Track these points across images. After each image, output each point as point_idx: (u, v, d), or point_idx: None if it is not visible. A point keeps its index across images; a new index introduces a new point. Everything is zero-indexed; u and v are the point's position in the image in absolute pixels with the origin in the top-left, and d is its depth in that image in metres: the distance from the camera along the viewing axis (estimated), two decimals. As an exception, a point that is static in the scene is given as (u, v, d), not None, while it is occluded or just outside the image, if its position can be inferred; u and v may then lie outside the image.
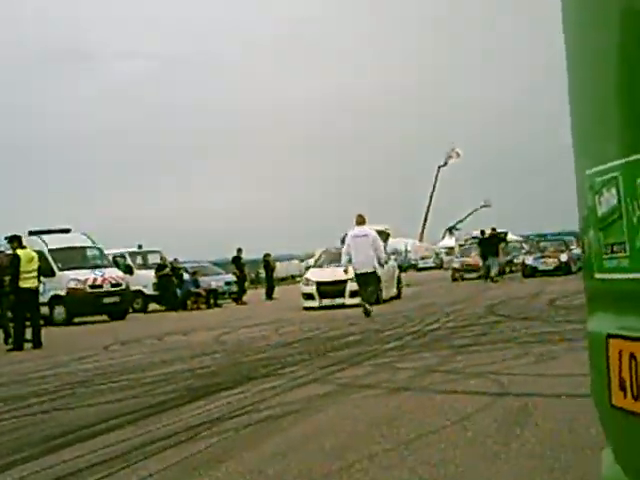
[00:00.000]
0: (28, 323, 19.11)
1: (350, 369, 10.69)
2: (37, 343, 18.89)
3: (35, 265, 19.61)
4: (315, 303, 26.43)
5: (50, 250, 29.46)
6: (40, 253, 28.79)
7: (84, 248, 31.00)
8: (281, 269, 55.37)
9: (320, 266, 28.86)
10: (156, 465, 6.05)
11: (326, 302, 26.16)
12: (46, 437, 7.52)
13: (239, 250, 37.53)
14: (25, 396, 10.56)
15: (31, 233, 30.53)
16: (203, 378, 11.00)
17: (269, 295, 37.54)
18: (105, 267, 30.29)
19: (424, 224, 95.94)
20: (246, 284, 39.11)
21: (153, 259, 36.91)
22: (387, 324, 17.35)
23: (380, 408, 7.89)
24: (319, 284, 26.77)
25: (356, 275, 20.91)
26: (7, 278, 20.08)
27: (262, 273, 45.17)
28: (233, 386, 9.85)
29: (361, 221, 20.99)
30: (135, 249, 37.79)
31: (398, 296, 28.65)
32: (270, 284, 38.53)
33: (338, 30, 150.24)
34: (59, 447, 7.03)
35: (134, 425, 7.80)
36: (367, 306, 20.18)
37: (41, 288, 28.37)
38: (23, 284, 19.07)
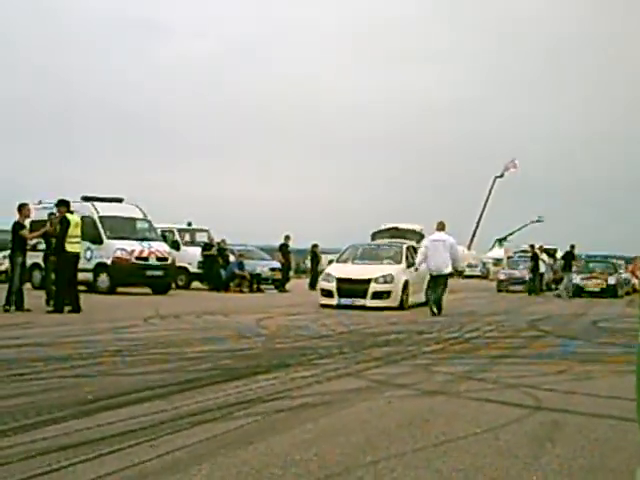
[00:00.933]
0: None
1: (386, 367, 10.67)
2: (77, 307, 19.17)
3: (78, 230, 20.01)
4: (333, 301, 23.91)
5: (100, 217, 29.62)
6: (90, 219, 29.19)
7: (134, 219, 31.10)
8: (327, 261, 55.35)
9: (344, 261, 26.35)
10: (183, 440, 6.06)
11: (345, 302, 23.67)
12: (77, 401, 7.56)
13: (287, 237, 37.50)
14: (61, 359, 10.64)
15: (84, 199, 30.76)
16: (239, 360, 11.02)
17: (312, 285, 37.48)
18: (153, 240, 30.38)
19: (474, 232, 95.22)
20: (290, 272, 39.10)
21: (201, 238, 37.05)
22: (428, 327, 17.29)
23: (412, 408, 7.85)
24: (340, 281, 24.23)
25: (430, 276, 22.97)
26: (54, 241, 20.60)
27: (308, 263, 45.17)
28: (268, 371, 9.87)
29: (441, 227, 22.88)
30: (184, 226, 37.94)
31: (426, 303, 24.36)
32: (315, 275, 38.54)
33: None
34: (90, 412, 7.08)
35: (166, 399, 7.83)
36: (434, 308, 21.73)
37: (88, 254, 28.81)
38: (70, 248, 19.41)
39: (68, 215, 19.82)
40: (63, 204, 20.12)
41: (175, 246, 33.42)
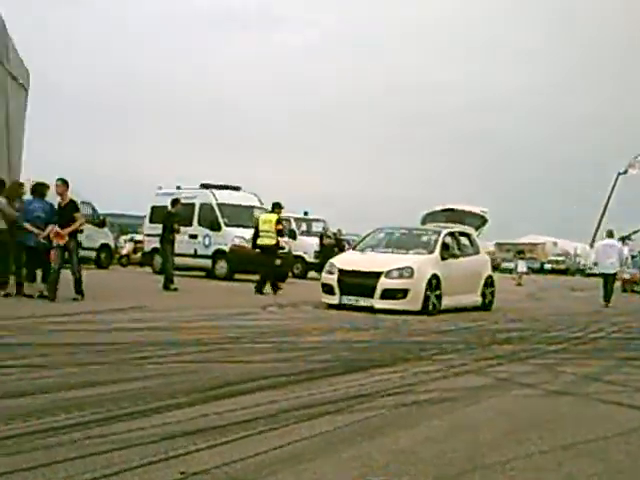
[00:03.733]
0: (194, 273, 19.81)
1: (510, 365, 10.40)
2: (274, 289, 22.84)
3: (267, 226, 23.15)
4: (334, 299, 18.79)
5: (219, 205, 30.00)
6: (209, 206, 29.62)
7: (252, 207, 31.35)
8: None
9: (362, 250, 20.72)
10: (305, 431, 5.97)
11: (348, 300, 18.61)
12: (197, 387, 7.55)
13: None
14: (180, 344, 10.69)
15: (203, 186, 31.20)
16: (358, 352, 10.93)
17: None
18: (270, 228, 30.59)
19: (597, 229, 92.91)
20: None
21: (317, 227, 37.17)
22: (550, 325, 16.93)
23: (538, 408, 7.64)
24: (342, 273, 18.96)
25: (602, 275, 26.54)
26: (176, 226, 22.55)
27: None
28: (388, 364, 9.73)
29: (610, 234, 27.12)
30: (301, 215, 38.08)
31: (483, 306, 21.10)
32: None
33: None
34: (209, 399, 7.05)
35: (285, 388, 7.76)
36: (605, 302, 25.72)
37: (206, 241, 29.34)
38: (259, 242, 23.11)
39: (261, 215, 24.70)
40: (274, 205, 23.78)
41: (292, 235, 33.54)
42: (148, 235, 32.16)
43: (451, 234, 20.99)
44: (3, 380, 7.45)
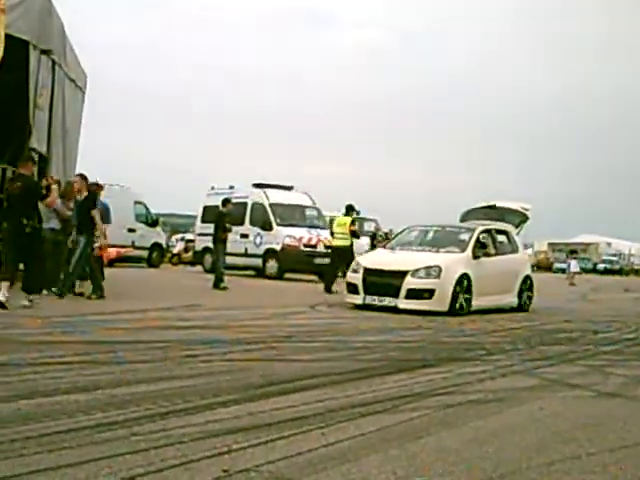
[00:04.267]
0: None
1: (558, 366, 10.34)
2: (327, 289, 23.15)
3: (341, 229, 24.18)
4: (358, 299, 18.16)
5: (271, 204, 30.06)
6: (261, 206, 29.74)
7: (304, 207, 31.42)
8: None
9: (392, 248, 20.07)
10: (353, 430, 5.99)
11: (372, 300, 17.89)
12: (248, 385, 7.60)
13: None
14: (230, 342, 10.77)
15: (255, 186, 31.30)
16: (407, 352, 10.92)
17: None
18: (321, 228, 30.59)
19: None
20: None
21: (369, 227, 37.11)
22: (601, 326, 16.74)
23: (587, 410, 7.58)
24: (367, 272, 18.26)
25: None
26: (228, 226, 22.74)
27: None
28: (435, 365, 9.73)
29: None
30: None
31: (520, 307, 20.24)
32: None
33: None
34: (260, 397, 7.09)
35: (335, 387, 7.80)
36: None
37: (257, 240, 29.44)
38: (334, 242, 24.63)
39: (336, 218, 25.60)
40: (347, 209, 24.72)
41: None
42: (200, 234, 32.37)
43: (487, 231, 20.06)
44: (55, 377, 7.54)
